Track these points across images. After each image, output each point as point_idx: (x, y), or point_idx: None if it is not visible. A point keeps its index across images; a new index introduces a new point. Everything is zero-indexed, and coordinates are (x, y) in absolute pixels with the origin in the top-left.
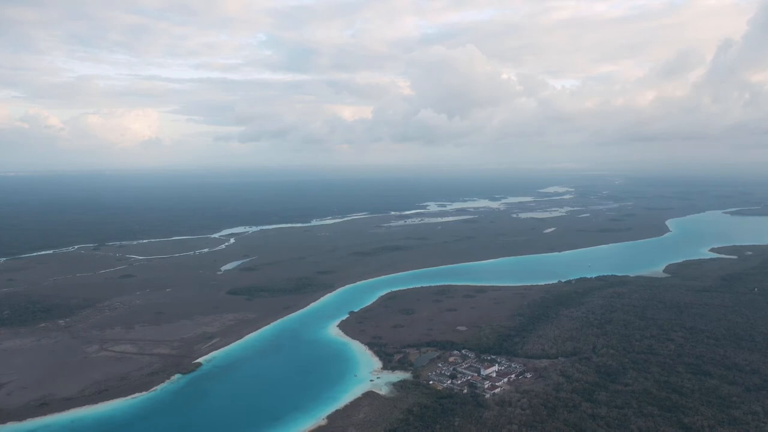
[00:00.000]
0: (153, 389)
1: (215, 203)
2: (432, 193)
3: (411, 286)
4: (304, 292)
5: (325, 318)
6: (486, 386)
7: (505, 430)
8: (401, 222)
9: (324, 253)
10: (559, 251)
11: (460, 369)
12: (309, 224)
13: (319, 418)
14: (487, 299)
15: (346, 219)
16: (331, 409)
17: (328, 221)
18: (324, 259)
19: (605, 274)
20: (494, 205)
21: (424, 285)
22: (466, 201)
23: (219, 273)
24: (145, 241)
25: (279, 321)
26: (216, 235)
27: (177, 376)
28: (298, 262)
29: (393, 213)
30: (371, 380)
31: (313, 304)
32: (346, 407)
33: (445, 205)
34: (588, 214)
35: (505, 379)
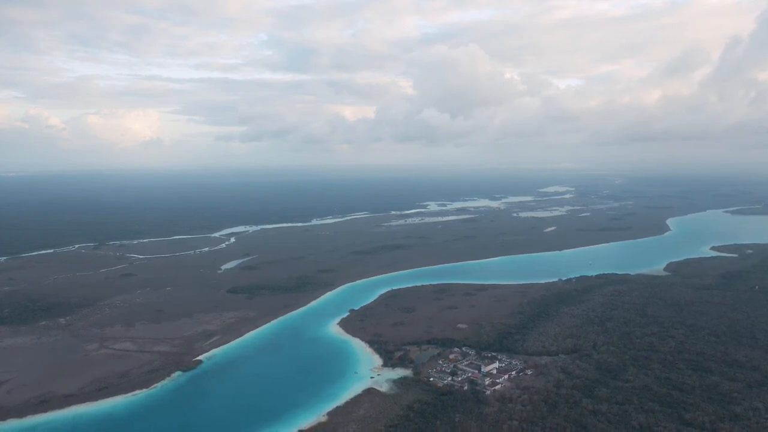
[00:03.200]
0: (153, 386)
1: (215, 203)
2: (432, 193)
3: (411, 285)
4: (305, 291)
5: (326, 316)
6: (486, 383)
7: (505, 426)
8: (401, 221)
9: (324, 252)
10: (560, 250)
11: (460, 366)
12: (309, 224)
13: (320, 414)
14: (487, 297)
15: (346, 218)
16: (331, 405)
17: (329, 221)
18: (324, 258)
19: (606, 272)
20: (494, 204)
21: (425, 283)
22: (466, 200)
23: (219, 272)
24: (145, 240)
25: (279, 319)
26: (216, 235)
27: (177, 373)
28: (299, 261)
29: (393, 212)
30: (372, 377)
31: (313, 303)
32: (346, 404)
33: (445, 205)
34: (588, 214)
35: (506, 376)
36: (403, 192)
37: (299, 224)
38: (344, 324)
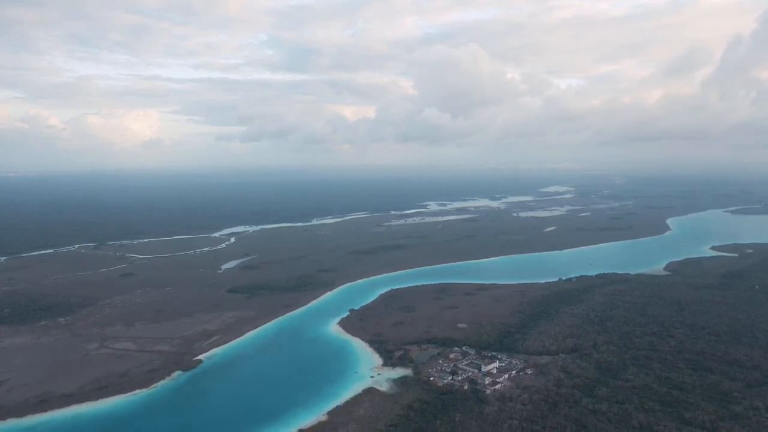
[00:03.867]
0: (153, 386)
1: (215, 203)
2: (432, 193)
3: (411, 284)
4: (305, 290)
5: (326, 316)
6: (486, 382)
7: (506, 426)
8: (402, 221)
9: (324, 251)
10: (560, 250)
11: (460, 365)
12: (309, 223)
13: (320, 414)
14: (487, 297)
15: (346, 218)
16: (331, 405)
17: (329, 220)
18: (324, 257)
19: (606, 272)
20: (495, 204)
21: (425, 283)
22: (466, 200)
23: (219, 271)
24: (145, 240)
25: (279, 319)
26: (216, 235)
27: (177, 373)
28: (299, 261)
29: (393, 212)
30: (372, 377)
31: (313, 302)
32: (346, 403)
33: (445, 205)
34: (588, 213)
35: (506, 376)
36: (404, 192)
37: (299, 224)
38: (344, 324)
